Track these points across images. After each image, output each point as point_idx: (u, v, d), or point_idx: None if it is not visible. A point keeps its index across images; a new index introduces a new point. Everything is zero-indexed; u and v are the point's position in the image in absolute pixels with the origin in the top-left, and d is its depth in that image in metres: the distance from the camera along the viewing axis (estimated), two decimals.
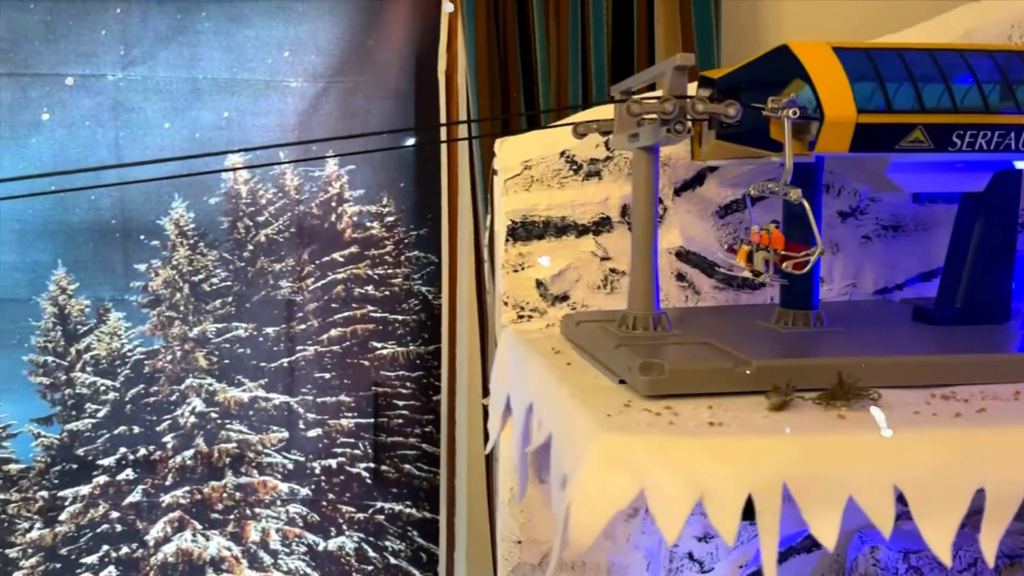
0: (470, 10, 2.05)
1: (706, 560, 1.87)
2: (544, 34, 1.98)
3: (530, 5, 2.01)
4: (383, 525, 2.85)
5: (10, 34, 2.47)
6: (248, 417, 2.79)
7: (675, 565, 1.86)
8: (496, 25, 2.03)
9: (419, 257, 2.74)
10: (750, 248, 1.34)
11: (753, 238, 1.34)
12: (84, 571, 2.77)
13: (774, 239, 1.30)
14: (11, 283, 2.58)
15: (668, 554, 1.85)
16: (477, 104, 2.06)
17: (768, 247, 1.31)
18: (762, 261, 1.32)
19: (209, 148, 2.61)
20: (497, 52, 2.02)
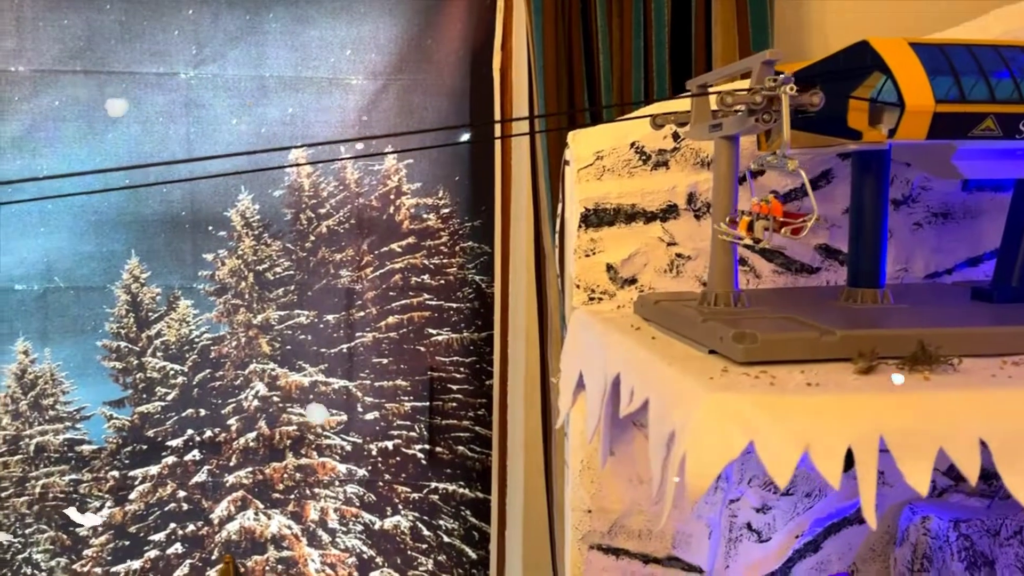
0: (538, 10, 2.14)
1: (764, 530, 1.95)
2: (607, 33, 2.07)
3: (593, 6, 2.10)
4: (437, 504, 2.95)
5: (87, 33, 2.57)
6: (308, 401, 2.89)
7: (735, 535, 1.95)
8: (561, 26, 2.12)
9: (473, 247, 2.83)
10: (751, 218, 1.41)
11: (753, 208, 1.41)
12: (152, 548, 2.88)
13: (773, 208, 1.38)
14: (87, 272, 2.69)
15: (728, 523, 1.93)
16: (544, 101, 2.15)
17: (769, 215, 1.38)
18: (762, 229, 1.39)
19: (275, 143, 2.71)
20: (565, 51, 2.11)
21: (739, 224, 1.45)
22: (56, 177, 2.41)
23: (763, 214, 1.38)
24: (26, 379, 2.72)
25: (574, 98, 2.13)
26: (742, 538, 1.95)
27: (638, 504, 1.86)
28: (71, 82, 2.58)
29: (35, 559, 2.81)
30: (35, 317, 2.68)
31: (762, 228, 1.38)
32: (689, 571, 1.92)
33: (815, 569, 2.00)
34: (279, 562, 2.96)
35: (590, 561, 1.91)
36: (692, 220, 1.83)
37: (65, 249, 2.66)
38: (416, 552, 2.96)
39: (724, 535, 1.94)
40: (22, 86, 2.56)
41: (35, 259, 2.65)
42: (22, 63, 2.55)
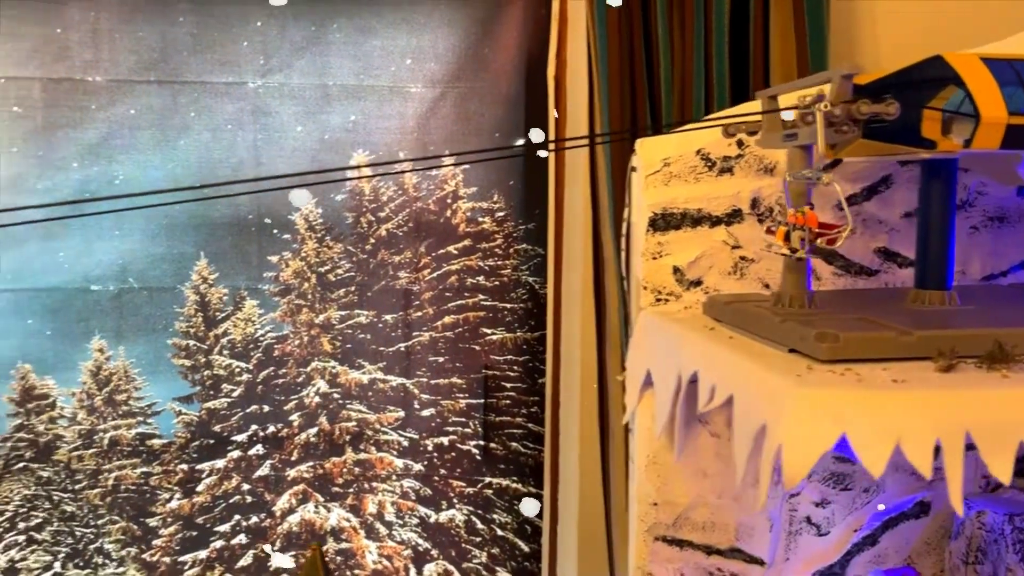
0: (601, 20, 2.21)
1: (823, 524, 2.01)
2: (668, 43, 2.13)
3: (654, 16, 2.16)
4: (491, 499, 3.02)
5: (161, 45, 2.67)
6: (367, 397, 2.97)
7: (794, 528, 2.00)
8: (624, 35, 2.18)
9: (527, 249, 2.90)
10: (787, 228, 1.48)
11: (789, 219, 1.47)
12: (217, 539, 2.97)
13: (808, 219, 1.44)
14: (159, 273, 2.79)
15: (788, 517, 1.99)
16: (607, 109, 2.21)
17: (803, 226, 1.44)
18: (798, 239, 1.45)
19: (337, 149, 2.79)
20: (628, 60, 2.18)
21: (776, 234, 1.52)
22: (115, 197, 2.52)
23: (799, 225, 1.44)
24: (101, 376, 2.83)
25: (637, 106, 2.19)
26: (801, 531, 2.00)
27: (703, 497, 1.92)
28: (145, 91, 2.68)
29: (107, 549, 2.91)
30: (110, 316, 2.78)
31: (799, 238, 1.45)
32: (750, 563, 1.98)
33: (872, 562, 2.05)
34: (338, 554, 3.05)
35: (655, 552, 1.97)
36: (755, 224, 1.89)
37: (138, 251, 2.77)
38: (470, 545, 3.04)
39: (784, 528, 1.99)
40: (99, 95, 2.67)
41: (110, 261, 2.76)
42: (99, 73, 2.65)
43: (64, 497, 2.86)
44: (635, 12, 2.17)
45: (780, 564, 1.99)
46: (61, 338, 2.77)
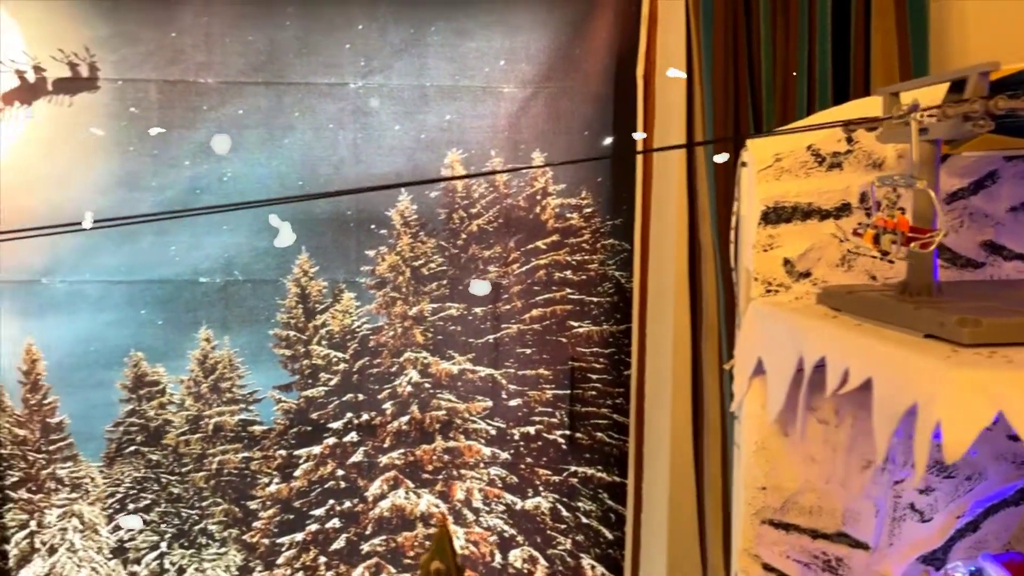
0: (708, 23, 2.27)
1: (926, 511, 2.04)
2: (771, 43, 2.18)
3: (757, 17, 2.22)
4: (576, 487, 3.09)
5: (269, 48, 2.78)
6: (457, 387, 3.06)
7: (899, 514, 2.04)
8: (729, 36, 2.24)
9: (613, 244, 2.97)
10: (876, 231, 1.50)
11: (878, 222, 1.50)
12: (312, 522, 3.08)
13: (900, 223, 1.47)
14: (263, 266, 2.90)
15: (893, 504, 2.03)
16: (712, 108, 2.27)
17: (895, 229, 1.47)
18: (889, 242, 1.48)
19: (433, 148, 2.88)
20: (732, 60, 2.23)
21: (864, 236, 1.55)
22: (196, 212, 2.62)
23: (890, 228, 1.48)
24: (207, 364, 2.95)
25: (740, 105, 2.25)
26: (905, 518, 2.04)
27: (810, 482, 1.97)
28: (253, 92, 2.79)
29: (210, 530, 3.03)
30: (216, 307, 2.90)
31: (889, 241, 1.48)
32: (855, 547, 2.02)
33: (973, 548, 2.08)
34: (427, 539, 3.14)
35: (761, 535, 2.02)
36: (863, 218, 1.93)
37: (244, 246, 2.88)
38: (555, 532, 3.11)
39: (888, 514, 2.03)
40: (210, 96, 2.78)
41: (217, 255, 2.87)
42: (211, 75, 2.77)
43: (171, 480, 2.99)
44: (739, 14, 2.22)
45: (884, 549, 2.03)
46: (171, 328, 2.89)
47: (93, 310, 2.84)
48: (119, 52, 2.71)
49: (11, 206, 2.74)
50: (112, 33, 2.70)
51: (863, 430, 1.96)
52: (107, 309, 2.84)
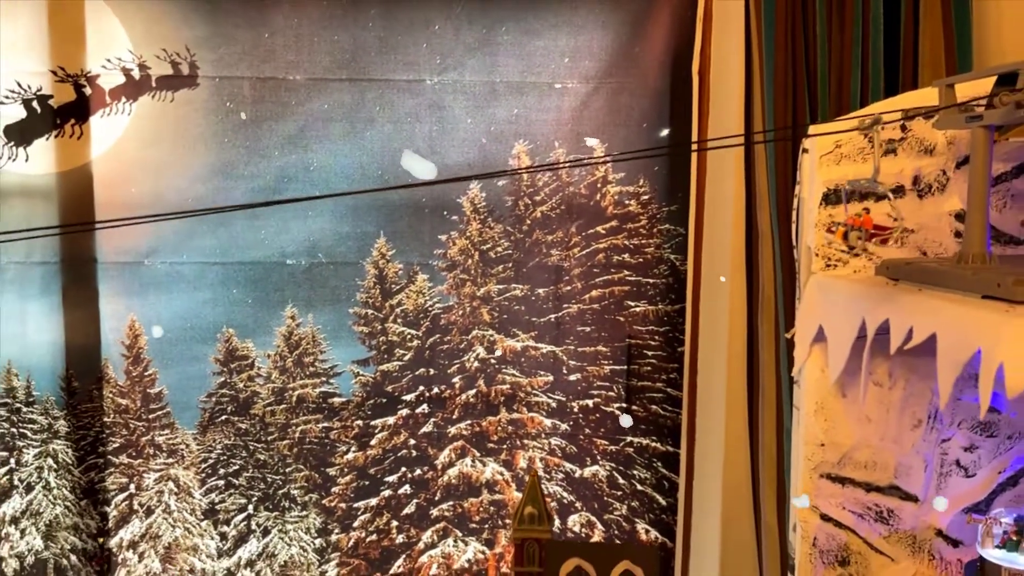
0: (769, 23, 2.45)
1: (970, 467, 2.22)
2: (826, 40, 2.36)
3: (813, 15, 2.40)
4: (632, 456, 3.29)
5: (352, 47, 2.98)
6: (520, 363, 3.26)
7: (945, 470, 2.22)
8: (788, 34, 2.42)
9: (669, 229, 3.16)
10: (846, 228, 1.81)
11: (848, 221, 1.80)
12: (386, 488, 3.29)
13: (864, 221, 1.79)
14: (344, 249, 3.11)
15: (940, 460, 2.21)
16: (772, 102, 2.46)
17: (861, 227, 1.77)
18: (855, 238, 1.79)
19: (501, 140, 3.08)
20: (791, 57, 2.42)
21: (836, 233, 1.83)
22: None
23: (856, 226, 1.72)
24: (292, 340, 3.16)
25: (797, 97, 2.43)
26: (951, 473, 2.22)
27: (866, 439, 2.16)
28: (338, 88, 3.00)
29: (292, 494, 3.25)
30: (302, 287, 3.11)
31: (856, 237, 1.77)
32: (905, 499, 2.21)
33: (1013, 501, 2.26)
34: (491, 504, 3.34)
35: (819, 488, 2.21)
36: (916, 199, 2.12)
37: (327, 230, 3.09)
38: (611, 498, 3.30)
39: (936, 470, 2.22)
40: (298, 92, 2.99)
41: (303, 238, 3.08)
42: (299, 72, 2.98)
43: (258, 447, 3.20)
44: (797, 14, 2.41)
45: (931, 502, 2.21)
46: (260, 306, 3.11)
47: (190, 289, 3.06)
48: (217, 51, 2.92)
49: (116, 194, 2.97)
50: (211, 34, 2.91)
51: (914, 392, 2.15)
52: (202, 288, 3.06)
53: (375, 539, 3.30)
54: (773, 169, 2.50)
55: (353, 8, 2.95)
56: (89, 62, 2.89)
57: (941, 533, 2.22)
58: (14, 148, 2.90)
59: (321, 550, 3.27)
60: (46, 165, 2.93)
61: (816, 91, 2.43)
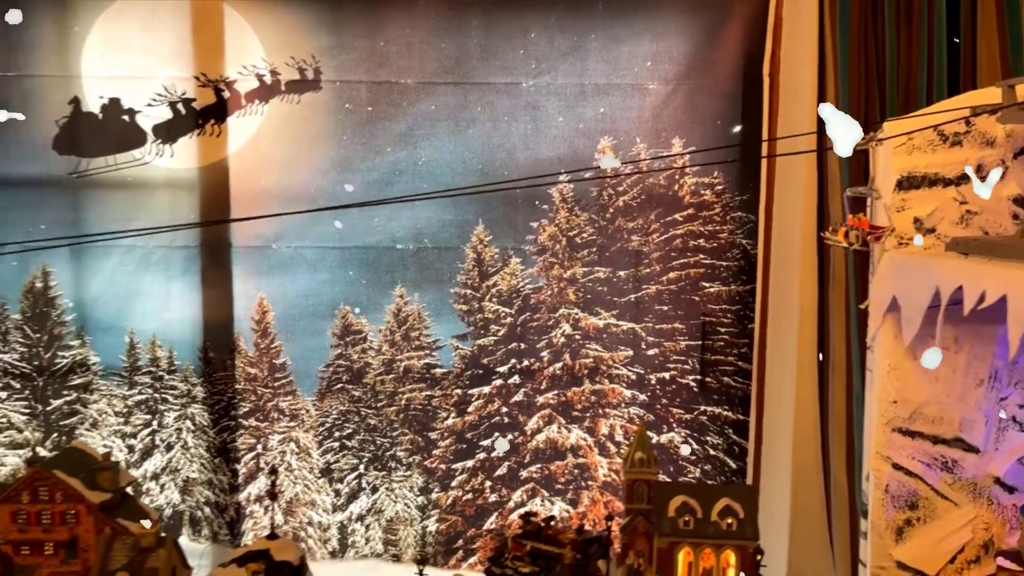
0: (844, 29, 2.72)
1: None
2: (895, 42, 2.62)
3: (882, 19, 2.66)
4: (705, 424, 3.56)
5: (457, 53, 3.28)
6: (603, 339, 3.54)
7: (1002, 425, 2.47)
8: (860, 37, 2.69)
9: (741, 217, 3.42)
10: (846, 228, 2.21)
11: (849, 222, 2.19)
12: (480, 451, 3.59)
13: (862, 222, 2.21)
14: (447, 235, 3.42)
15: (998, 416, 2.46)
16: (847, 100, 2.72)
17: (859, 227, 2.18)
18: (855, 236, 2.20)
19: (588, 136, 3.36)
20: (863, 59, 2.68)
21: (838, 232, 2.24)
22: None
23: (855, 227, 2.02)
24: (400, 316, 3.48)
25: (868, 95, 2.69)
26: (1008, 428, 2.47)
27: (934, 396, 2.41)
28: (443, 91, 3.31)
29: (399, 456, 3.56)
30: (409, 269, 3.43)
31: (855, 236, 2.19)
32: (968, 451, 2.46)
33: None
34: (575, 467, 3.63)
35: (891, 441, 2.47)
36: (978, 185, 2.37)
37: (432, 218, 3.40)
38: (686, 463, 3.57)
39: (995, 425, 2.47)
40: (409, 94, 3.30)
41: (411, 225, 3.40)
42: (410, 76, 3.29)
43: (369, 413, 3.52)
44: (868, 19, 2.67)
45: (991, 453, 2.47)
46: (372, 286, 3.43)
47: (311, 271, 3.39)
48: (338, 59, 3.24)
49: (249, 185, 3.30)
50: (334, 43, 3.23)
51: (977, 355, 2.40)
52: (322, 270, 3.39)
53: (470, 497, 3.61)
54: (846, 160, 2.76)
55: (458, 18, 3.25)
56: (228, 69, 3.22)
57: (999, 481, 2.47)
58: (161, 145, 3.24)
59: (423, 507, 3.59)
60: (189, 160, 3.27)
61: (885, 89, 2.69)
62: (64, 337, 3.38)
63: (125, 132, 3.22)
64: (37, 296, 3.34)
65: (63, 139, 3.22)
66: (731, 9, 3.27)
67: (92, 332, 3.38)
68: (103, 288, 3.34)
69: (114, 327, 3.37)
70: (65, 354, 3.39)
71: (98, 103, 3.21)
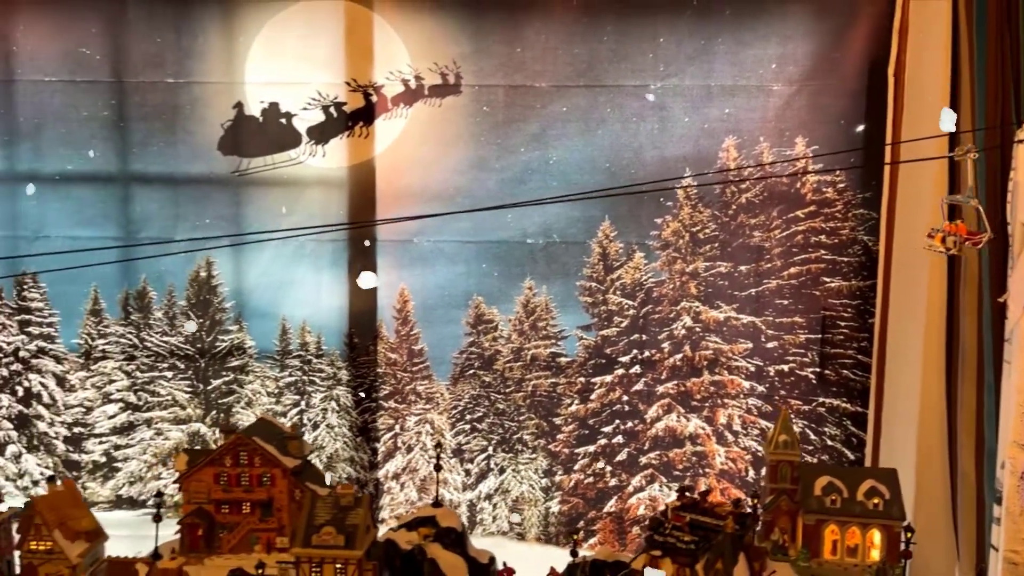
0: (981, 33, 2.77)
1: None
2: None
3: (1017, 23, 2.70)
4: (823, 415, 3.62)
5: (589, 58, 3.43)
6: (722, 331, 3.64)
7: None
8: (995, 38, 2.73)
9: (863, 214, 3.48)
10: (943, 234, 2.31)
11: (946, 228, 2.30)
12: (602, 437, 3.73)
13: (959, 228, 2.30)
14: (574, 231, 3.57)
15: None
16: (984, 101, 2.77)
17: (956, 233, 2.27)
18: (952, 242, 2.29)
19: (713, 136, 3.47)
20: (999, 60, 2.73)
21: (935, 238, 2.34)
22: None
23: (952, 233, 2.06)
24: (529, 307, 3.64)
25: (1004, 95, 2.73)
26: None
27: None
28: (575, 94, 3.46)
29: (525, 439, 3.73)
30: (538, 263, 3.59)
31: (952, 241, 2.29)
32: None
33: None
34: (693, 455, 3.74)
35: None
36: None
37: (561, 214, 3.56)
38: (803, 452, 3.64)
39: None
40: (542, 97, 3.47)
41: (541, 221, 3.56)
42: (544, 80, 3.45)
43: (498, 397, 3.70)
44: (1003, 18, 2.71)
45: None
46: (503, 278, 3.61)
47: (448, 263, 3.58)
48: (478, 64, 3.43)
49: (393, 184, 3.51)
50: (474, 49, 3.41)
51: None
52: (458, 263, 3.58)
53: (591, 481, 3.76)
54: (983, 159, 2.80)
55: (592, 24, 3.39)
56: (376, 74, 3.44)
57: None
58: (315, 146, 3.48)
59: (546, 488, 3.75)
60: (339, 160, 3.50)
61: (1021, 91, 2.73)
62: (224, 323, 3.66)
63: (282, 134, 3.47)
64: (201, 285, 3.62)
65: (226, 141, 3.48)
66: (856, 11, 3.34)
67: (249, 318, 3.64)
68: (259, 278, 3.61)
69: (268, 314, 3.63)
70: (224, 338, 3.66)
71: (258, 107, 3.47)
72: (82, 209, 3.56)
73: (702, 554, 2.16)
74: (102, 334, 3.65)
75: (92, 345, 3.65)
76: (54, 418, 3.69)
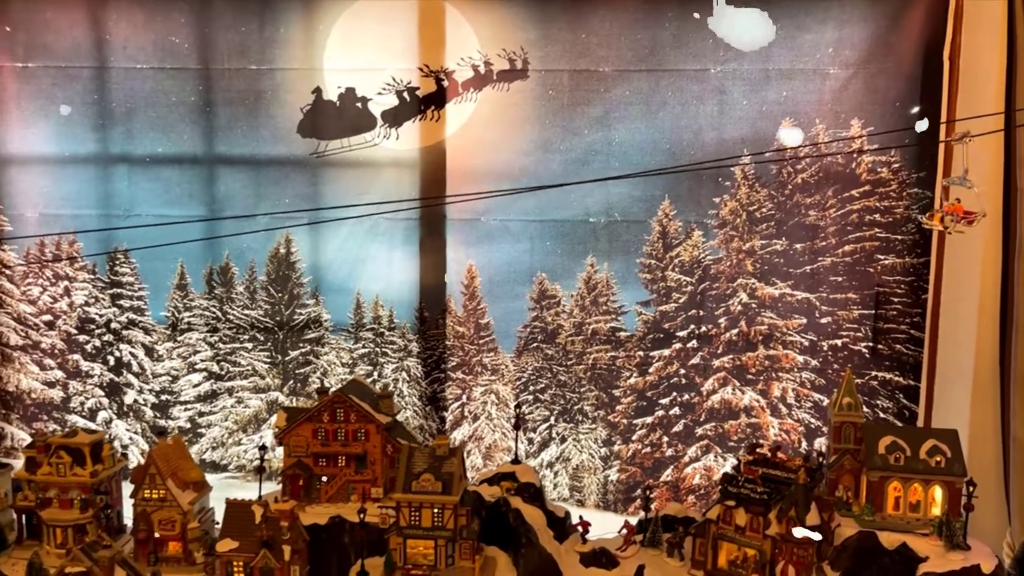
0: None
1: None
2: None
3: None
4: (876, 389, 3.72)
5: (652, 44, 3.55)
6: (778, 308, 3.75)
7: None
8: None
9: (917, 192, 3.56)
10: (941, 213, 2.51)
11: (944, 208, 2.50)
12: (659, 409, 3.86)
13: (957, 208, 2.50)
14: (635, 209, 3.69)
15: None
16: None
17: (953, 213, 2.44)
18: (950, 221, 2.49)
19: (770, 118, 3.57)
20: None
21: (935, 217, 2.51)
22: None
23: (950, 212, 2.13)
24: (590, 283, 3.78)
25: None
26: None
27: None
28: (638, 78, 3.58)
29: (585, 410, 3.87)
30: (600, 240, 3.72)
31: (950, 220, 2.33)
32: None
33: None
34: (748, 426, 3.85)
35: None
36: None
37: (623, 194, 3.68)
38: None
39: None
40: (605, 81, 3.59)
41: (603, 200, 3.69)
42: (608, 65, 3.58)
43: (560, 370, 3.84)
44: None
45: None
46: (566, 255, 3.75)
47: (514, 241, 3.73)
48: (544, 50, 3.56)
49: (462, 165, 3.66)
50: (540, 36, 3.55)
51: None
52: (523, 240, 3.73)
53: (649, 451, 3.88)
54: None
55: (655, 11, 3.51)
56: (447, 60, 3.58)
57: None
58: (389, 129, 3.63)
59: (605, 457, 3.88)
60: (411, 142, 3.66)
61: None
62: (301, 297, 3.83)
63: (358, 117, 3.63)
64: (280, 261, 3.81)
65: (306, 124, 3.66)
66: None
67: (325, 293, 3.82)
68: (335, 254, 3.78)
69: (343, 288, 3.80)
70: (302, 311, 3.84)
71: (336, 92, 3.63)
72: (170, 189, 3.75)
73: (774, 504, 2.27)
74: (188, 307, 3.85)
75: (178, 317, 3.85)
76: (143, 386, 3.90)
